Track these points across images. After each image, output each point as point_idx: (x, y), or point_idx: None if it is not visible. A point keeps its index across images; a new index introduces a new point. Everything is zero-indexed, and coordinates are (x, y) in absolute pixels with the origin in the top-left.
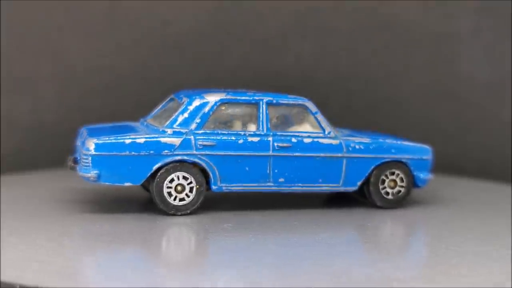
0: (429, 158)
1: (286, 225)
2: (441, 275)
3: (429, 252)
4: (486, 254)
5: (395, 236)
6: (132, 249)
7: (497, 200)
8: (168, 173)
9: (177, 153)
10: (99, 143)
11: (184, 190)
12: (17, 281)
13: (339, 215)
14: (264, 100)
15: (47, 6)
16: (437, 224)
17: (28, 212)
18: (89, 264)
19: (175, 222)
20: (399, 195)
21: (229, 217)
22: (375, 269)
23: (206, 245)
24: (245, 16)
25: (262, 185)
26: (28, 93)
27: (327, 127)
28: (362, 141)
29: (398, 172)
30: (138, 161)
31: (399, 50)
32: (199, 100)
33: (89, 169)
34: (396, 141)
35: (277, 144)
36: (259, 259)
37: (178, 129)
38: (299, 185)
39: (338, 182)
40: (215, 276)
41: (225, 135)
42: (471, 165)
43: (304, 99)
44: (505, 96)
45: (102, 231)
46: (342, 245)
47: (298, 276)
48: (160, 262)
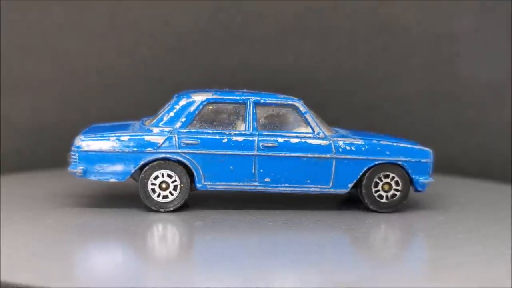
0: (428, 161)
1: (274, 225)
2: (441, 275)
3: (428, 252)
4: (486, 254)
5: (393, 234)
6: (129, 250)
7: (497, 200)
8: (153, 170)
9: (160, 151)
10: (84, 140)
11: (168, 188)
12: (17, 281)
13: (330, 217)
14: (251, 99)
15: (47, 6)
16: (437, 224)
17: (28, 212)
18: (89, 265)
19: (162, 219)
20: (394, 199)
21: (216, 215)
22: (362, 270)
23: (190, 243)
24: (245, 16)
25: (247, 185)
26: (28, 93)
27: (317, 128)
28: (354, 142)
29: (393, 175)
30: (122, 158)
31: (399, 50)
32: (185, 100)
33: (76, 164)
34: (392, 143)
35: (263, 144)
36: (242, 259)
37: (163, 127)
38: (286, 186)
39: (328, 183)
40: (196, 274)
41: (209, 134)
42: (471, 165)
43: (293, 99)
44: (505, 96)
45: (102, 231)
46: (329, 247)
47: (280, 276)
48: (144, 256)
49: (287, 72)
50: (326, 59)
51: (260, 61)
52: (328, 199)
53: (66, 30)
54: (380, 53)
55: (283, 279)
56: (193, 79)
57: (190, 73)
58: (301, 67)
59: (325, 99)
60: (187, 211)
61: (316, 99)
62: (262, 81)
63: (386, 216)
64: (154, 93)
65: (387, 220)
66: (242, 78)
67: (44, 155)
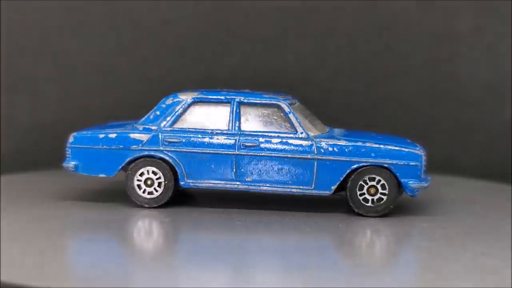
0: (418, 164)
1: (258, 226)
2: (441, 275)
3: (428, 252)
4: (486, 254)
5: (392, 233)
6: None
7: (497, 200)
8: (139, 167)
9: (144, 148)
10: (77, 136)
11: (153, 184)
12: (17, 281)
13: (314, 218)
14: (236, 99)
15: (47, 7)
16: (437, 223)
17: (28, 212)
18: (89, 265)
19: (144, 214)
20: (380, 203)
21: (202, 214)
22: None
23: (174, 240)
24: (245, 16)
25: (229, 184)
26: (28, 93)
27: (299, 128)
28: (337, 143)
29: (379, 178)
30: (110, 155)
31: (399, 50)
32: (172, 99)
33: (69, 160)
34: (379, 145)
35: (243, 143)
36: (220, 259)
37: (149, 125)
38: (268, 186)
39: (310, 185)
40: (177, 270)
41: (192, 132)
42: (471, 165)
43: (278, 99)
44: (505, 96)
45: (102, 230)
46: (312, 250)
47: (260, 278)
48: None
49: (287, 72)
50: (326, 59)
51: (260, 61)
52: (318, 201)
53: (66, 30)
54: (380, 53)
55: (266, 280)
56: (193, 79)
57: (190, 73)
58: (301, 67)
59: (325, 99)
60: (171, 207)
61: (316, 99)
62: (262, 81)
63: (383, 219)
64: (154, 93)
65: (384, 221)
66: (242, 78)
67: (44, 155)
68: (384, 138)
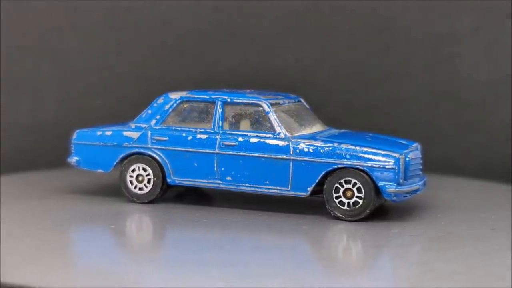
0: (394, 168)
1: (245, 225)
2: (440, 275)
3: (428, 252)
4: (486, 254)
5: (391, 232)
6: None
7: (497, 200)
8: (131, 163)
9: (135, 145)
10: (79, 132)
11: (144, 181)
12: (17, 281)
13: (291, 221)
14: (220, 99)
15: (47, 7)
16: (437, 223)
17: (28, 212)
18: (88, 266)
19: (136, 209)
20: (357, 207)
21: (191, 212)
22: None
23: (161, 235)
24: (245, 16)
25: (211, 182)
26: (28, 93)
27: (278, 128)
28: (313, 144)
29: (354, 181)
30: (106, 151)
31: (399, 50)
32: (162, 98)
33: (72, 155)
34: (355, 146)
35: (223, 142)
36: (203, 257)
37: (140, 124)
38: (247, 185)
39: (286, 185)
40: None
41: (177, 131)
42: (471, 165)
43: (259, 98)
44: (505, 96)
45: (94, 224)
46: (288, 250)
47: (241, 277)
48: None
49: (287, 72)
50: (326, 59)
51: (260, 61)
52: (303, 202)
53: (66, 30)
54: (380, 53)
55: (244, 280)
56: (193, 79)
57: (190, 73)
58: (301, 67)
59: (325, 99)
60: (160, 203)
61: (316, 99)
62: (262, 81)
63: (382, 218)
64: (154, 93)
65: (383, 220)
66: (242, 78)
67: (44, 155)
68: (375, 140)
